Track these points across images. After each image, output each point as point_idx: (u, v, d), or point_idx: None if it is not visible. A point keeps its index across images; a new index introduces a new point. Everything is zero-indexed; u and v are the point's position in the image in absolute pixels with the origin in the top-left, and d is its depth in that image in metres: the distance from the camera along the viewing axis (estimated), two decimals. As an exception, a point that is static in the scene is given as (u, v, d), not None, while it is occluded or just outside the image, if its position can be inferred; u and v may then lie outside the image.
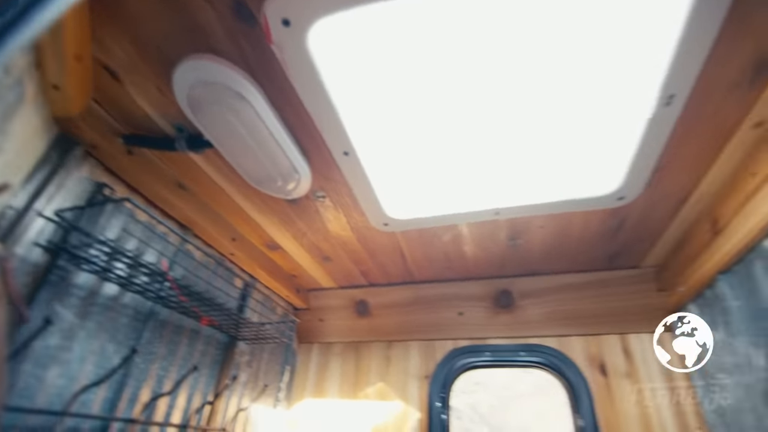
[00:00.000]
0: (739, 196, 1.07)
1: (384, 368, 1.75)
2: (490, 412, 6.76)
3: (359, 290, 1.89)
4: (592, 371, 1.55)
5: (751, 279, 1.10)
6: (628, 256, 1.55)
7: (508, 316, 1.70)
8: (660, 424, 1.42)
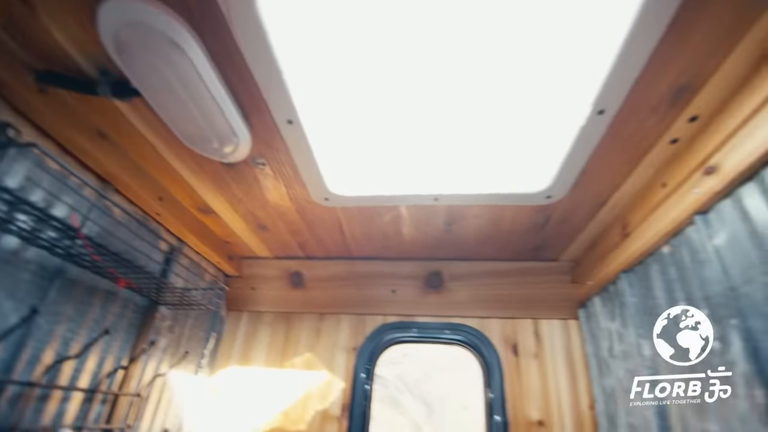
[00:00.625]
0: (648, 204, 1.19)
1: (314, 339, 1.77)
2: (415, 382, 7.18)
3: (295, 262, 1.87)
4: (505, 351, 1.69)
5: (647, 279, 1.25)
6: (549, 249, 1.68)
7: (436, 296, 1.79)
8: (557, 399, 1.60)
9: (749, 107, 0.82)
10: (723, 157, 0.89)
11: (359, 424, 1.58)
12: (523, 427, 1.55)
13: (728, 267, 0.91)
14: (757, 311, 0.82)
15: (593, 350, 1.61)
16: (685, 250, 1.06)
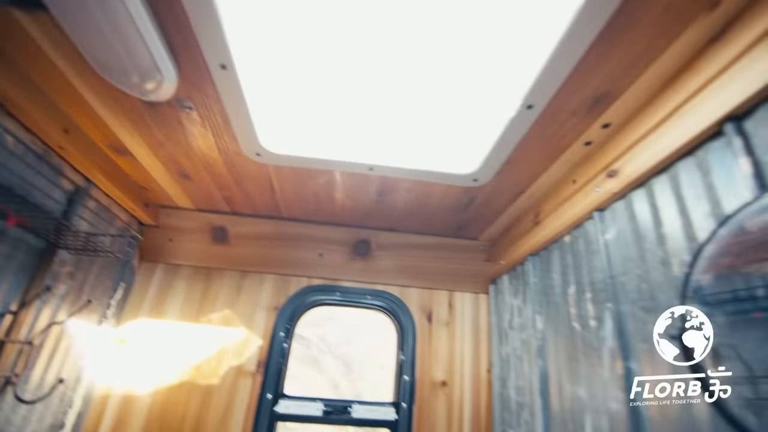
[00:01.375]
0: (559, 198, 1.32)
1: (234, 297, 1.74)
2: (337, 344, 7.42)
3: (219, 216, 1.79)
4: (420, 318, 1.81)
5: (548, 263, 1.40)
6: (470, 229, 1.79)
7: (362, 263, 1.84)
8: (460, 363, 1.76)
9: (650, 123, 0.92)
10: (624, 163, 1.01)
11: (274, 380, 1.61)
12: (427, 386, 1.70)
13: (612, 258, 1.05)
14: (628, 298, 0.97)
15: (497, 322, 1.79)
16: (582, 241, 1.20)
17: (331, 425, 1.69)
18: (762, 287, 0.63)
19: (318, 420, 1.61)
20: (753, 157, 0.70)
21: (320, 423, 1.63)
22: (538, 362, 1.34)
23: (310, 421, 1.62)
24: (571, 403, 1.13)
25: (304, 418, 1.61)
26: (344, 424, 1.63)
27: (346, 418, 1.63)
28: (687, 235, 0.81)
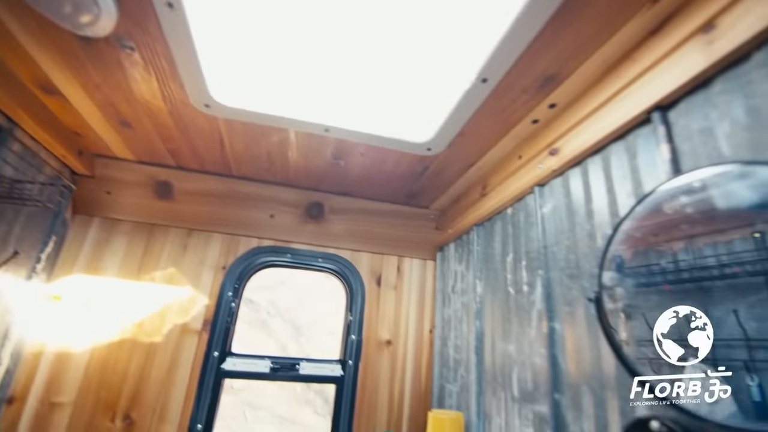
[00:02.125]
0: (505, 172, 1.39)
1: (179, 255, 1.69)
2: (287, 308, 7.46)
3: (163, 170, 1.70)
4: (370, 281, 1.87)
5: (491, 233, 1.49)
6: (422, 197, 1.84)
7: (315, 226, 1.85)
8: (405, 324, 1.86)
9: (591, 106, 0.99)
10: (565, 142, 1.08)
11: (221, 339, 1.62)
12: (373, 345, 1.79)
13: (547, 230, 1.14)
14: (557, 266, 1.06)
15: (441, 286, 1.89)
16: (522, 213, 1.29)
17: (279, 381, 1.73)
18: (671, 263, 0.72)
19: (265, 377, 1.65)
20: (672, 144, 0.79)
21: (268, 380, 1.67)
22: (475, 323, 1.45)
23: (257, 377, 1.65)
24: (502, 359, 1.25)
25: (251, 375, 1.64)
26: (292, 380, 1.68)
27: (293, 374, 1.68)
28: (611, 211, 0.90)
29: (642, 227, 0.76)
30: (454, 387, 1.57)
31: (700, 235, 0.69)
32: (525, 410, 1.08)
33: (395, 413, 1.72)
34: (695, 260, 0.68)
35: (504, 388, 1.21)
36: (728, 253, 0.64)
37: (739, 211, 0.62)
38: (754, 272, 0.60)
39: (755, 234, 0.61)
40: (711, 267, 0.66)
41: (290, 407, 6.40)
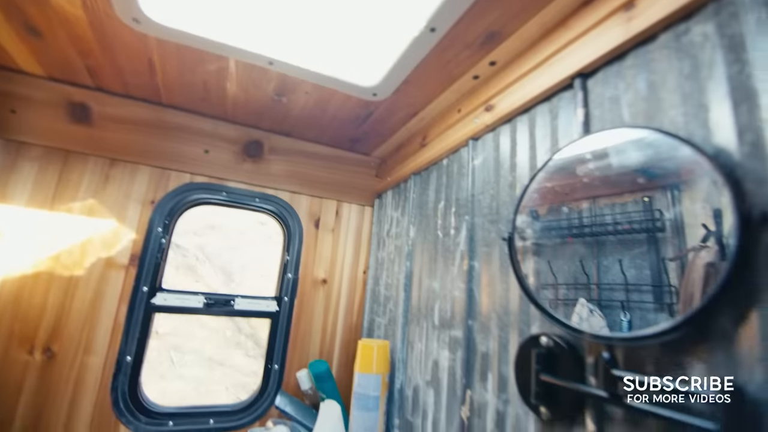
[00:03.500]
0: (444, 124, 1.46)
1: (100, 186, 1.56)
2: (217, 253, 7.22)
3: (80, 90, 1.52)
4: (308, 224, 1.91)
5: (427, 182, 1.58)
6: (364, 144, 1.87)
7: (253, 165, 1.80)
8: (341, 265, 1.95)
9: (526, 68, 1.07)
10: (499, 100, 1.17)
11: (150, 274, 1.58)
12: (309, 284, 1.86)
13: (476, 180, 1.25)
14: (481, 212, 1.19)
15: (377, 231, 1.99)
16: (456, 165, 1.39)
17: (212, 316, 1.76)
18: (576, 219, 0.84)
19: (198, 311, 1.66)
20: (587, 109, 0.90)
21: (201, 314, 1.69)
22: (406, 263, 1.57)
23: (189, 312, 1.66)
24: (427, 294, 1.40)
25: (183, 310, 1.65)
26: (226, 315, 1.71)
27: (227, 309, 1.71)
28: (531, 165, 1.02)
29: (552, 179, 0.88)
30: (383, 320, 1.72)
31: (602, 196, 0.81)
32: (443, 335, 1.25)
33: (327, 344, 1.85)
34: (595, 218, 0.80)
35: (426, 318, 1.36)
36: (622, 212, 0.76)
37: (633, 177, 0.74)
38: (640, 230, 0.72)
39: (645, 198, 0.74)
40: (607, 224, 0.78)
41: (220, 350, 6.43)
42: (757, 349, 0.53)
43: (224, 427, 1.61)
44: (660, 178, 0.68)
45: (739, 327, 0.55)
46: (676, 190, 0.65)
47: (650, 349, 0.66)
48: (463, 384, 1.09)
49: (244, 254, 7.41)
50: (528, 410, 0.87)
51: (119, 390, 1.48)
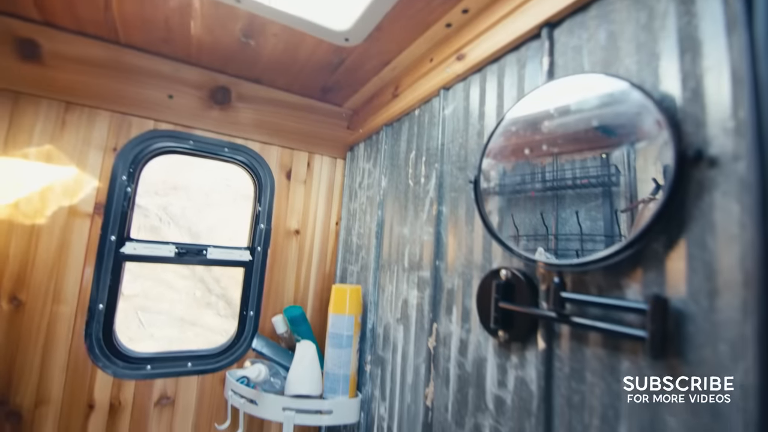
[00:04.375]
0: (417, 73, 1.47)
1: (57, 131, 1.48)
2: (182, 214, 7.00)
3: (25, 24, 1.39)
4: (280, 175, 1.91)
5: (398, 133, 1.60)
6: (335, 94, 1.85)
7: (220, 112, 1.75)
8: (314, 216, 1.98)
9: (497, 16, 1.08)
10: (470, 49, 1.18)
11: (118, 223, 1.55)
12: (282, 234, 1.89)
13: (446, 130, 1.29)
14: (450, 160, 1.24)
15: (349, 183, 2.02)
16: (427, 115, 1.42)
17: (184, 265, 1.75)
18: (539, 174, 0.90)
19: (170, 260, 1.67)
20: (552, 57, 0.94)
21: (172, 263, 1.69)
22: (378, 213, 1.63)
23: (160, 261, 1.66)
24: (398, 240, 1.47)
25: (154, 259, 1.64)
26: (198, 264, 1.73)
27: (200, 259, 1.72)
28: (498, 113, 1.07)
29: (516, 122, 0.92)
30: (355, 267, 1.79)
31: (564, 153, 0.86)
32: (412, 276, 1.33)
33: (302, 291, 1.92)
34: (557, 172, 0.86)
35: (397, 262, 1.44)
36: (581, 167, 0.82)
37: (588, 122, 0.79)
38: (597, 184, 0.79)
39: (603, 154, 0.80)
40: (567, 179, 0.84)
41: (191, 311, 6.42)
42: (682, 270, 0.62)
43: (202, 369, 1.67)
44: (615, 128, 0.74)
45: (669, 251, 0.64)
46: (632, 149, 0.71)
47: (594, 275, 0.75)
48: (430, 318, 1.19)
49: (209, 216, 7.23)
50: (488, 336, 0.98)
51: (93, 337, 1.49)
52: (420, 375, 1.22)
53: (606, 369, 0.71)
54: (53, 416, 1.42)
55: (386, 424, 1.36)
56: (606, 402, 0.70)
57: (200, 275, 6.95)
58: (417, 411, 1.21)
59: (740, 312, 0.55)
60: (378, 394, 1.44)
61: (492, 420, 0.93)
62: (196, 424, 1.65)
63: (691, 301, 0.60)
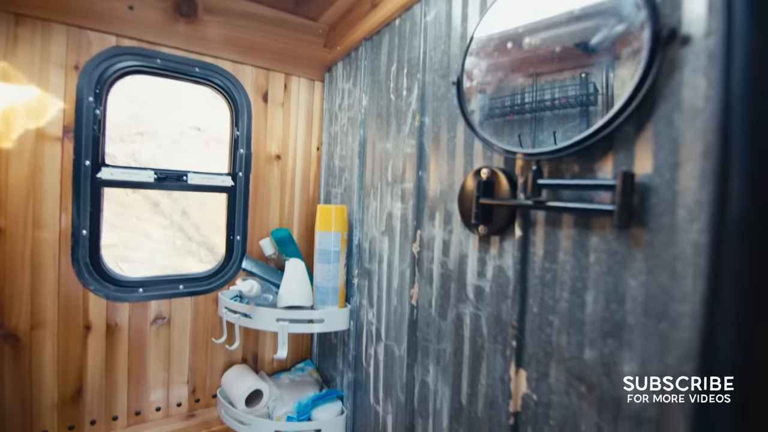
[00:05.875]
0: (396, -21, 1.38)
1: (9, 47, 1.37)
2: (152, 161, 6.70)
3: None
4: (256, 97, 1.84)
5: (378, 46, 1.55)
6: (310, 6, 1.74)
7: (187, 27, 1.64)
8: (294, 140, 1.95)
9: None
10: (454, -58, 1.12)
11: (90, 148, 1.50)
12: (263, 159, 1.87)
13: (428, 37, 1.25)
14: (432, 68, 1.22)
15: (328, 106, 1.97)
16: (408, 23, 1.36)
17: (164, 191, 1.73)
18: (519, 95, 0.89)
19: (149, 186, 1.64)
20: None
21: (152, 188, 1.67)
22: (359, 132, 1.61)
23: (140, 186, 1.64)
24: (380, 155, 1.48)
25: (134, 184, 1.62)
26: (179, 190, 1.71)
27: (181, 184, 1.70)
28: (481, 13, 1.03)
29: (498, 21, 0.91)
30: (338, 190, 1.81)
31: (544, 73, 0.85)
32: (396, 189, 1.36)
33: (287, 216, 1.94)
34: (536, 93, 0.86)
35: (381, 178, 1.46)
36: (560, 87, 0.82)
37: (573, 52, 0.78)
38: (575, 104, 0.79)
39: (582, 74, 0.79)
40: (546, 100, 0.85)
41: (172, 259, 6.39)
42: (650, 148, 0.66)
43: (194, 291, 1.73)
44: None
45: (639, 132, 0.68)
46: (610, 66, 0.71)
47: (569, 162, 0.79)
48: (414, 226, 1.24)
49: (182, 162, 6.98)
50: (469, 234, 1.03)
51: (81, 261, 1.50)
52: (405, 279, 1.29)
53: (576, 246, 0.77)
54: (51, 338, 1.47)
55: (374, 327, 1.47)
56: (575, 275, 0.77)
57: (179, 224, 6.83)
58: (403, 311, 1.30)
59: (698, 180, 0.60)
60: (366, 302, 1.54)
61: (472, 308, 1.02)
62: (193, 340, 1.73)
63: (656, 175, 0.65)
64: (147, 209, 6.65)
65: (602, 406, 0.71)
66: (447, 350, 1.10)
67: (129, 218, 6.29)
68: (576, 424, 0.76)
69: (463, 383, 1.04)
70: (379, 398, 1.42)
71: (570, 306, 0.78)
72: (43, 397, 1.46)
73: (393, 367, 1.34)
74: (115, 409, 1.59)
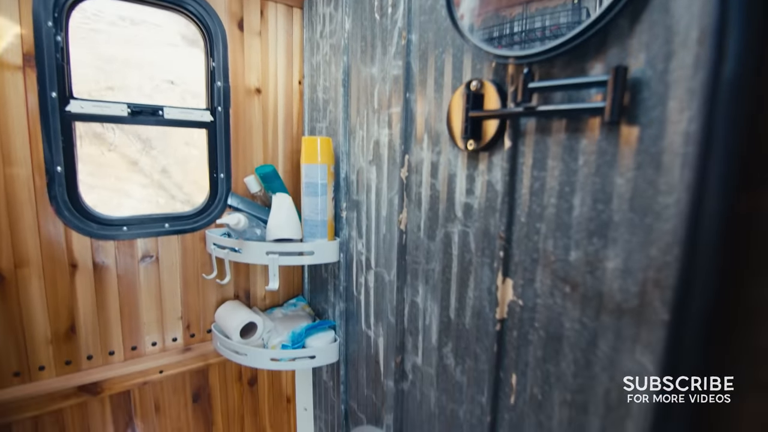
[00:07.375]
0: None
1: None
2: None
3: None
4: (231, 25, 1.72)
5: (361, -38, 1.43)
6: None
7: (150, -60, 1.48)
8: (274, 73, 1.86)
9: None
10: None
11: (55, 78, 1.39)
12: (242, 93, 1.79)
13: (414, -55, 1.16)
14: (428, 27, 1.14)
15: (309, 36, 1.86)
16: (393, -70, 1.25)
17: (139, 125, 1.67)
18: (507, 25, 0.83)
19: (123, 120, 1.56)
20: None
21: (126, 123, 1.59)
22: (343, 59, 1.54)
23: (113, 121, 1.56)
24: (366, 82, 1.42)
25: (105, 118, 1.54)
26: (155, 125, 1.63)
27: (157, 119, 1.62)
28: None
29: None
30: (323, 124, 1.76)
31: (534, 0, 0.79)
32: (382, 116, 1.32)
33: (270, 153, 1.90)
34: (527, 21, 0.80)
35: (366, 105, 1.42)
36: (551, 13, 0.77)
37: None
38: (567, 32, 0.74)
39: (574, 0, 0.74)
40: (537, 29, 0.79)
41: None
42: (644, 40, 0.63)
43: (181, 229, 1.71)
44: None
45: (633, 25, 0.65)
46: None
47: (562, 64, 0.77)
48: (402, 151, 1.22)
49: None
50: (458, 152, 1.02)
51: (59, 199, 1.46)
52: (394, 206, 1.29)
53: (565, 151, 0.77)
54: (37, 276, 1.45)
55: (364, 257, 1.49)
56: (563, 180, 0.77)
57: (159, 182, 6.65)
58: (392, 238, 1.31)
59: (692, 68, 0.58)
60: (355, 234, 1.55)
61: (461, 226, 1.03)
62: (184, 278, 1.74)
63: (649, 67, 0.63)
64: (125, 168, 6.42)
65: (585, 302, 0.74)
66: (436, 269, 1.13)
67: (107, 177, 6.09)
68: (560, 323, 0.79)
69: (452, 299, 1.08)
70: (371, 323, 1.47)
71: (557, 211, 0.79)
72: (36, 334, 1.47)
73: (383, 293, 1.37)
74: (111, 344, 1.62)
